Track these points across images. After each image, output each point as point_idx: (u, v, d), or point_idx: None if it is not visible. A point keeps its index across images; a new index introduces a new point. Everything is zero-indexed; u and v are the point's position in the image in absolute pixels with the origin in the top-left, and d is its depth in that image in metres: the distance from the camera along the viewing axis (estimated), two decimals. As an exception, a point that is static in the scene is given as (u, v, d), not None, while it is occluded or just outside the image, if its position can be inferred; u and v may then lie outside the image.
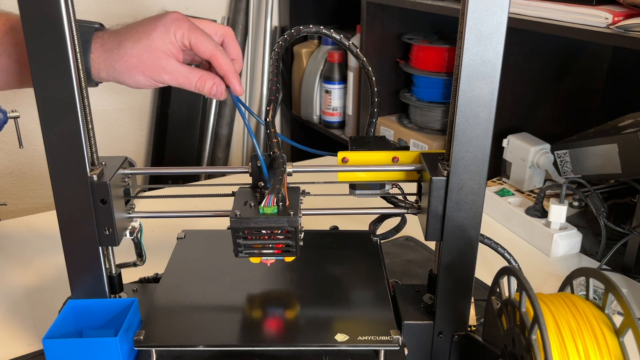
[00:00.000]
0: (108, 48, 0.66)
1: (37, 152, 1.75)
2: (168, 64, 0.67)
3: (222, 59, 0.68)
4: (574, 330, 0.47)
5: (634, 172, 0.95)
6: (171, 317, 0.62)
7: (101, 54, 0.66)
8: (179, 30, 0.66)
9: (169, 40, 0.66)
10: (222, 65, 0.68)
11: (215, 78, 0.68)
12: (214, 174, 1.73)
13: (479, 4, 0.51)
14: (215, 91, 0.68)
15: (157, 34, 0.66)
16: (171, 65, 0.67)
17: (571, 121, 1.31)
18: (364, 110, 1.66)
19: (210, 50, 0.67)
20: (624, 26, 0.90)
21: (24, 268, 0.87)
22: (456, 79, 0.54)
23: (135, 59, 0.66)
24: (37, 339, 0.71)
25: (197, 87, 0.68)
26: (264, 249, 0.57)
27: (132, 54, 0.66)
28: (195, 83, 0.67)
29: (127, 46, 0.66)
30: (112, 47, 0.66)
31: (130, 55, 0.66)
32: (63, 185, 0.56)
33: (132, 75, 0.67)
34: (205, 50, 0.67)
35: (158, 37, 0.66)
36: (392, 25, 1.56)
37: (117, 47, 0.66)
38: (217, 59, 0.67)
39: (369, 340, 0.58)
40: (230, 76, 0.68)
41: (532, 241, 0.96)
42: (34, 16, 0.50)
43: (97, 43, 0.66)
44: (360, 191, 0.65)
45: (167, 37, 0.66)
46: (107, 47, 0.66)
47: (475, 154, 0.56)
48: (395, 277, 0.76)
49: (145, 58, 0.66)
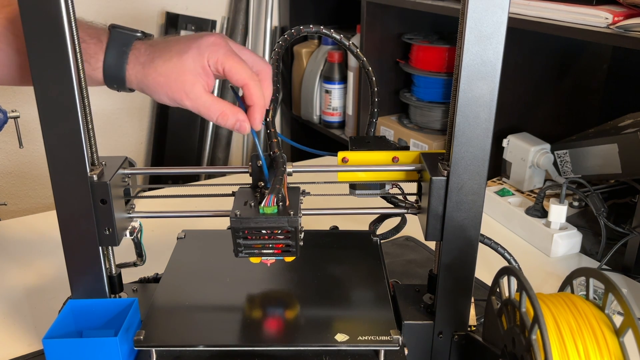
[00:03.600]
0: (141, 61, 0.64)
1: (37, 152, 1.75)
2: (192, 90, 0.64)
3: (255, 89, 0.64)
4: (574, 330, 0.47)
5: (634, 172, 0.95)
6: (171, 317, 0.62)
7: (134, 66, 0.65)
8: (213, 56, 0.63)
9: (200, 65, 0.63)
10: (252, 97, 0.64)
11: (238, 114, 0.64)
12: (214, 174, 1.73)
13: (479, 4, 0.51)
14: (239, 127, 0.65)
15: (189, 55, 0.63)
16: (195, 92, 0.64)
17: (571, 121, 1.31)
18: (364, 110, 1.66)
19: (243, 79, 0.64)
20: (624, 26, 0.90)
21: (24, 268, 0.87)
22: (456, 79, 0.54)
23: (163, 78, 0.64)
24: (37, 339, 0.71)
25: (217, 121, 0.65)
26: (264, 249, 0.57)
27: (161, 72, 0.64)
28: (216, 118, 0.64)
29: (158, 63, 0.64)
30: (146, 61, 0.64)
31: (159, 74, 0.64)
32: (63, 185, 0.56)
33: (158, 94, 0.65)
34: (238, 79, 0.64)
35: (189, 59, 0.63)
36: (392, 25, 1.56)
37: (149, 62, 0.64)
38: (250, 89, 0.64)
39: (369, 340, 0.58)
40: (257, 109, 0.64)
41: (532, 241, 0.96)
42: (34, 16, 0.50)
43: (133, 55, 0.65)
44: (360, 191, 0.65)
45: (200, 61, 0.63)
46: (141, 60, 0.65)
47: (475, 154, 0.56)
48: (395, 277, 0.76)
49: (173, 79, 0.64)
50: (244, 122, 0.64)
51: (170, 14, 1.86)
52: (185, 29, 1.87)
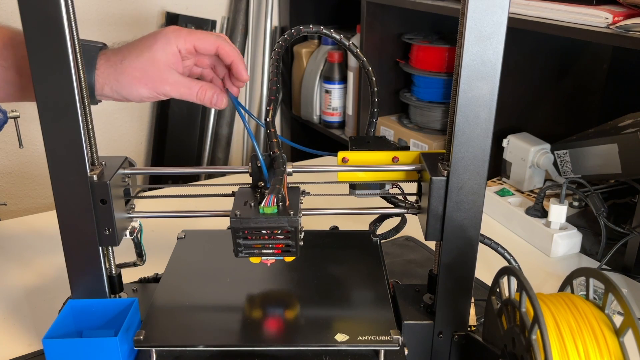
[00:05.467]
0: (112, 63, 0.69)
1: (37, 152, 1.75)
2: (170, 76, 0.69)
3: (228, 47, 0.70)
4: (574, 330, 0.47)
5: (634, 172, 0.95)
6: (171, 317, 0.62)
7: (106, 69, 0.68)
8: (180, 39, 0.69)
9: (171, 52, 0.69)
10: (228, 52, 0.71)
11: (215, 88, 0.71)
12: (214, 174, 1.73)
13: (479, 4, 0.51)
14: (216, 100, 0.71)
15: (158, 46, 0.68)
16: (173, 77, 0.69)
17: (571, 121, 1.31)
18: (364, 110, 1.66)
19: (214, 42, 0.70)
20: (624, 26, 0.90)
21: (24, 268, 0.87)
22: (456, 79, 0.54)
23: (138, 71, 0.68)
24: (37, 339, 0.71)
25: (198, 96, 0.70)
26: (264, 249, 0.57)
27: (135, 66, 0.68)
28: (196, 92, 0.70)
29: (130, 59, 0.68)
30: (116, 61, 0.69)
31: (133, 68, 0.68)
32: (63, 185, 0.56)
33: (136, 88, 0.69)
34: (210, 44, 0.70)
35: (160, 49, 0.68)
36: (392, 25, 1.56)
37: (120, 61, 0.69)
38: (223, 47, 0.70)
39: (369, 340, 0.58)
40: (238, 61, 0.71)
41: (532, 241, 0.96)
42: (34, 16, 0.50)
43: (102, 59, 0.69)
44: (360, 191, 0.65)
45: (169, 48, 0.68)
46: (111, 62, 0.69)
47: (475, 154, 0.56)
48: (395, 277, 0.76)
49: (148, 70, 0.68)
50: (220, 94, 0.71)
51: (170, 14, 1.86)
52: (185, 29, 1.87)
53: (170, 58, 0.69)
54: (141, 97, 0.70)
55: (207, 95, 0.70)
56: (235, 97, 0.73)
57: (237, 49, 0.73)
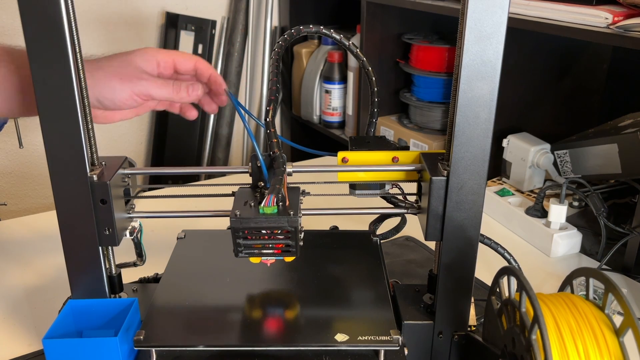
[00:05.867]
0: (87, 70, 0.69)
1: (37, 152, 1.75)
2: (146, 75, 0.72)
3: (204, 64, 0.76)
4: (574, 330, 0.47)
5: (634, 172, 0.95)
6: (171, 317, 0.62)
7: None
8: (159, 53, 0.73)
9: (149, 59, 0.72)
10: (206, 68, 0.76)
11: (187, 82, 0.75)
12: (214, 174, 1.73)
13: (479, 4, 0.51)
14: (192, 90, 0.74)
15: (136, 53, 0.72)
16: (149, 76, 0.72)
17: (571, 121, 1.31)
18: (364, 110, 1.66)
19: (192, 58, 0.75)
20: (624, 26, 0.90)
21: (24, 268, 0.87)
22: (456, 79, 0.54)
23: (113, 68, 0.70)
24: (37, 339, 0.71)
25: (174, 89, 0.73)
26: (264, 249, 0.57)
27: (111, 64, 0.71)
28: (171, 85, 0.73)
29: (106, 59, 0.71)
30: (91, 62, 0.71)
31: (109, 65, 0.71)
32: (63, 185, 0.56)
33: (111, 84, 0.70)
34: (188, 60, 0.74)
35: (137, 55, 0.72)
36: (392, 25, 1.56)
37: (96, 61, 0.71)
38: (201, 63, 0.75)
39: (369, 340, 0.58)
40: (215, 74, 0.76)
41: (532, 241, 0.96)
42: (34, 17, 0.50)
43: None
44: (360, 191, 0.65)
45: (147, 57, 0.72)
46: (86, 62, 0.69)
47: (475, 154, 0.56)
48: (395, 277, 0.76)
49: (125, 67, 0.71)
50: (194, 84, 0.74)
51: (170, 14, 1.86)
52: (185, 29, 1.87)
53: (147, 64, 0.71)
54: (115, 95, 0.70)
55: (181, 88, 0.73)
56: (235, 97, 0.73)
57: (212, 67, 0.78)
